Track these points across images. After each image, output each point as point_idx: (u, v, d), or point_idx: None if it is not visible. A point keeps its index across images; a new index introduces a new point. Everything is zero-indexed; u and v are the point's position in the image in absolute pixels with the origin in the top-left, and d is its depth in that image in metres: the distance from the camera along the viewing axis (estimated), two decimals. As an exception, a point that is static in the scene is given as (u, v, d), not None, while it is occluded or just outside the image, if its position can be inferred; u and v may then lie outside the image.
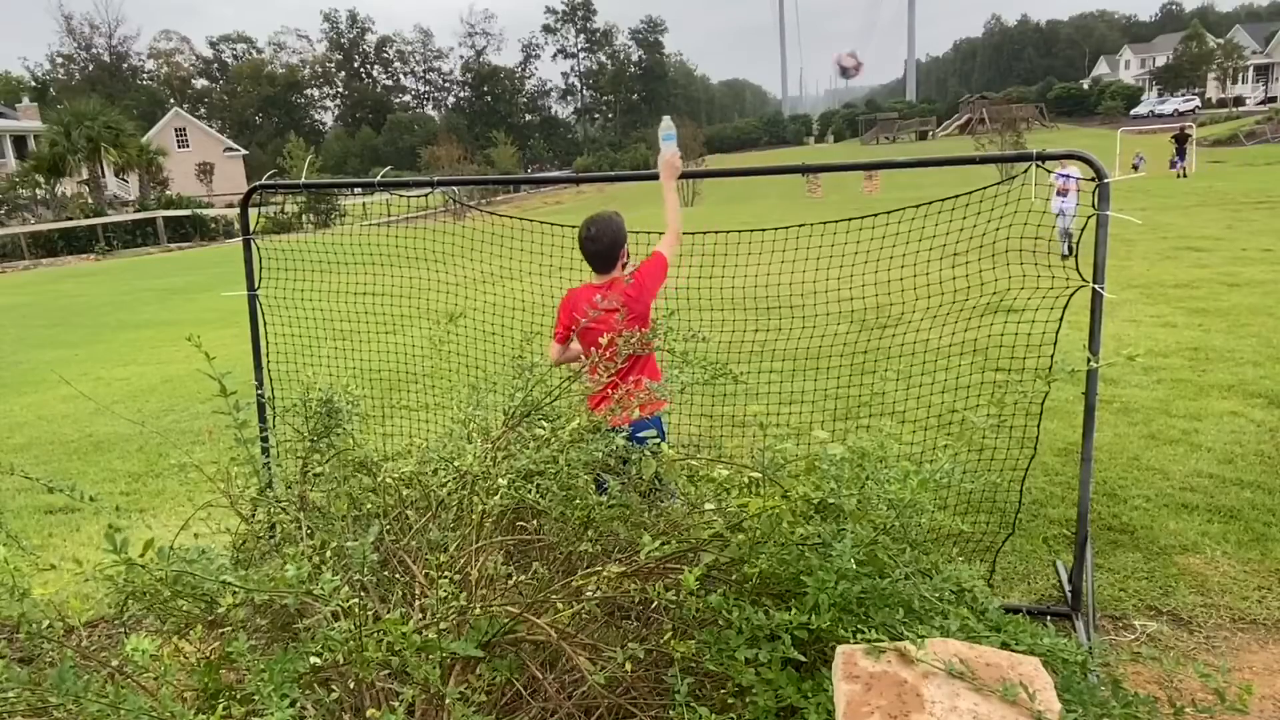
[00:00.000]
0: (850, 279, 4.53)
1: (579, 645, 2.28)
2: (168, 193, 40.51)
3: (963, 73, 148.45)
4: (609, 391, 2.78)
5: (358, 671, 1.97)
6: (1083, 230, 3.21)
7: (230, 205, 38.92)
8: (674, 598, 2.22)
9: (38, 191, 37.77)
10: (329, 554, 2.31)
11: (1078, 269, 3.21)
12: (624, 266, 3.62)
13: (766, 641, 2.18)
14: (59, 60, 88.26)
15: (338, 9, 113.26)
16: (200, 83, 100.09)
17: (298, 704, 1.86)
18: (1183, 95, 70.06)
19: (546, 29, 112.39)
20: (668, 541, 2.36)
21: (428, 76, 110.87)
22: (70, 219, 32.52)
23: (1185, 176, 29.08)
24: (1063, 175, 11.63)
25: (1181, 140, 30.98)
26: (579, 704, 2.28)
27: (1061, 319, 3.47)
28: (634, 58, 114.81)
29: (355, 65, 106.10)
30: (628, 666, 2.17)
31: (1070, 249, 11.64)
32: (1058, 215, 12.24)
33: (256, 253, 4.18)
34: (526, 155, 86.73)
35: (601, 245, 3.53)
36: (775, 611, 2.18)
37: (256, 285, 4.13)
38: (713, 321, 6.83)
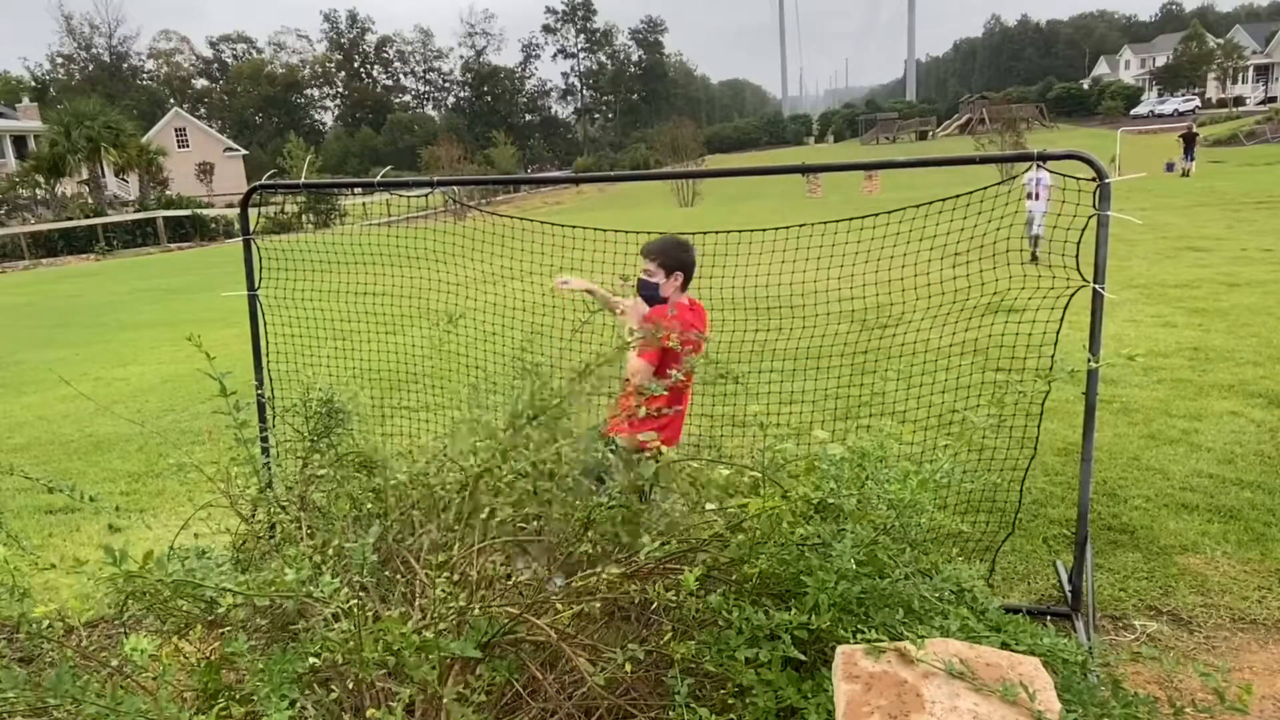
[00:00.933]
0: (850, 279, 4.53)
1: (579, 646, 2.28)
2: (168, 193, 40.45)
3: (963, 73, 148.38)
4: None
5: (357, 671, 1.97)
6: (1069, 240, 3.21)
7: (230, 205, 38.90)
8: (674, 598, 2.22)
9: (38, 191, 37.72)
10: (329, 554, 2.31)
11: (1078, 269, 3.20)
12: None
13: (766, 642, 2.18)
14: (59, 60, 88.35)
15: (337, 9, 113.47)
16: (200, 83, 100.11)
17: (297, 704, 1.86)
18: (1183, 95, 70.06)
19: (546, 29, 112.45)
20: (668, 542, 2.36)
21: (428, 76, 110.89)
22: (70, 219, 32.48)
23: (1188, 176, 29.23)
24: (1032, 179, 11.70)
25: (1189, 140, 31.10)
26: (579, 704, 2.28)
27: (1062, 319, 3.47)
28: (634, 58, 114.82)
29: (355, 65, 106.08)
30: (628, 667, 2.16)
31: (1035, 256, 11.64)
32: (1027, 224, 12.20)
33: (256, 253, 4.17)
34: (526, 155, 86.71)
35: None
36: (775, 611, 2.18)
37: (256, 285, 4.13)
38: (713, 321, 6.82)
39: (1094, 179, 3.11)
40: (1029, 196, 12.14)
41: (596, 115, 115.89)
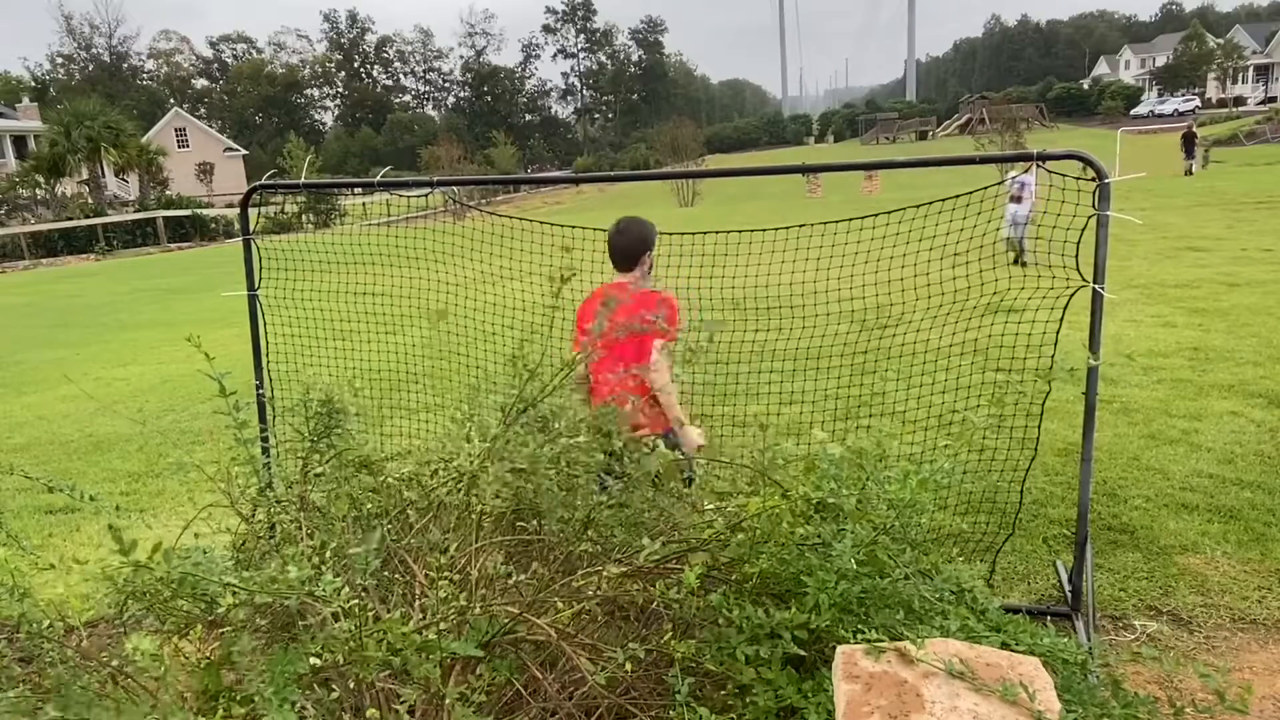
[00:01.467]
0: (850, 279, 4.53)
1: (579, 645, 2.28)
2: (168, 193, 40.43)
3: (963, 73, 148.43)
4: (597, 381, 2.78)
5: (358, 672, 1.97)
6: (1069, 240, 3.20)
7: (230, 205, 38.89)
8: (675, 597, 2.22)
9: (38, 191, 37.73)
10: (329, 554, 2.31)
11: (1078, 269, 3.20)
12: (647, 272, 3.69)
13: (767, 641, 2.18)
14: (59, 60, 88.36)
15: (337, 9, 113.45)
16: (200, 83, 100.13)
17: (298, 705, 1.86)
18: (1183, 95, 70.10)
19: (546, 29, 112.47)
20: (667, 542, 2.36)
21: (428, 76, 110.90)
22: (70, 219, 32.47)
23: (1190, 175, 29.55)
24: (1018, 181, 11.51)
25: (1189, 140, 31.44)
26: (579, 704, 2.28)
27: (1062, 319, 3.47)
28: (634, 58, 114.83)
29: (355, 65, 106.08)
30: (628, 666, 2.16)
31: (1020, 260, 11.57)
32: (1010, 225, 11.95)
33: (256, 253, 4.17)
34: (526, 155, 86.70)
35: (627, 240, 3.62)
36: (775, 611, 2.18)
37: (256, 285, 4.13)
38: (713, 321, 6.80)
39: (1094, 179, 3.11)
40: (1011, 200, 11.98)
41: (596, 115, 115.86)
